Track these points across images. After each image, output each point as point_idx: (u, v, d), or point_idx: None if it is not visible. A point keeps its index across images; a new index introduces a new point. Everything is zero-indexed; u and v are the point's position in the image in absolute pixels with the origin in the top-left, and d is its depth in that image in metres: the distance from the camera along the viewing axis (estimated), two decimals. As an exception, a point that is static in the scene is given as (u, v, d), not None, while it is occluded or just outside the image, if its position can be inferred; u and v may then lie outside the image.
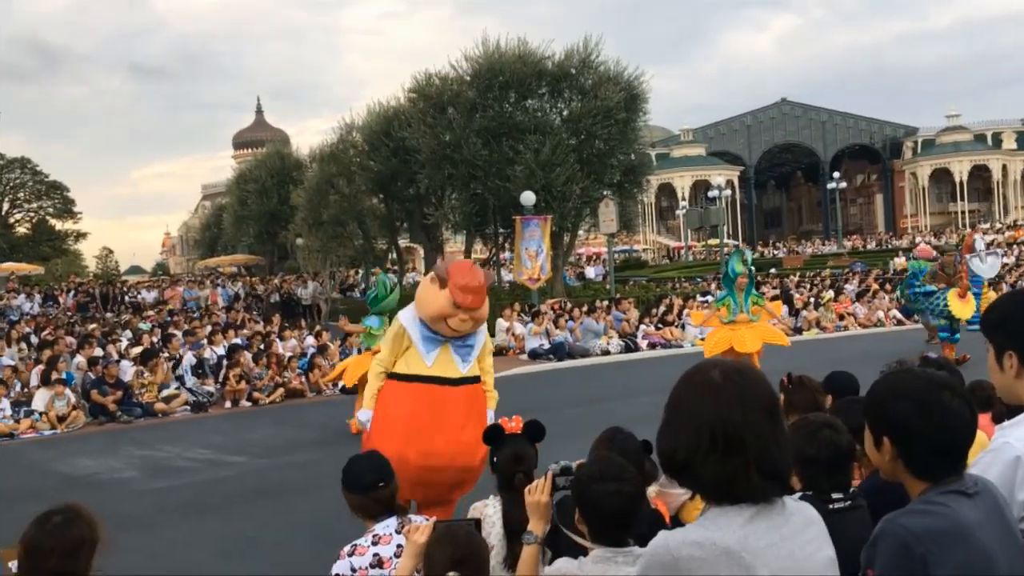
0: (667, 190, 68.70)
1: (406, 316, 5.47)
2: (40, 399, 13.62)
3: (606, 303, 22.16)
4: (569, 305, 22.00)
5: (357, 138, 30.10)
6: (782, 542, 1.92)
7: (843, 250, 51.55)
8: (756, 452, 1.90)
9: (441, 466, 5.26)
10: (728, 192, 51.06)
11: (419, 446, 5.21)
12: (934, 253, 17.94)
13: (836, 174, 55.11)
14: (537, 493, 3.04)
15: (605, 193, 26.01)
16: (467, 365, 5.45)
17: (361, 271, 38.31)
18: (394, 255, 35.54)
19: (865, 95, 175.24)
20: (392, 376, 5.47)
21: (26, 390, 14.31)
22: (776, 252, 56.69)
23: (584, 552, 2.85)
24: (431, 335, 5.34)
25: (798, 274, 33.13)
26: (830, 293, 25.18)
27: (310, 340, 18.29)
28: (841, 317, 22.84)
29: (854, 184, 76.85)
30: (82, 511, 2.90)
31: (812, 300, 24.01)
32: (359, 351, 12.81)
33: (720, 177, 47.04)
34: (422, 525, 2.87)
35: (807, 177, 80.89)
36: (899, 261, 39.40)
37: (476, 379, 5.50)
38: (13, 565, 3.41)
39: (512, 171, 24.17)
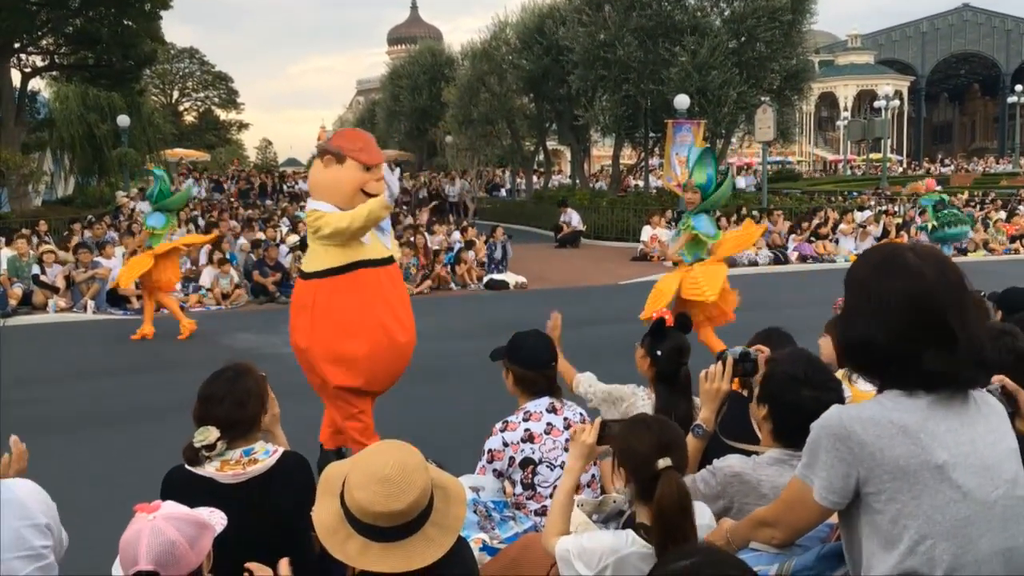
0: (828, 100, 65.26)
1: (327, 209, 5.06)
2: (207, 276, 14.52)
3: (755, 213, 21.59)
4: (718, 213, 21.52)
5: (510, 35, 29.80)
6: (962, 428, 1.85)
7: (1020, 169, 47.98)
8: (967, 344, 1.82)
9: (412, 341, 5.36)
10: (896, 103, 48.29)
11: (402, 326, 5.24)
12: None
13: (1019, 87, 50.90)
14: (716, 380, 2.92)
15: (763, 99, 24.97)
16: (390, 241, 5.44)
17: (508, 171, 38.48)
18: (541, 156, 35.44)
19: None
20: (330, 273, 5.10)
21: (194, 268, 15.25)
22: (944, 169, 53.36)
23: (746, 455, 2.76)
24: None
25: (966, 193, 31.17)
26: (1002, 214, 23.68)
27: (456, 236, 18.64)
28: (1013, 240, 21.49)
29: (1038, 99, 70.94)
30: (251, 368, 3.12)
31: (981, 220, 22.63)
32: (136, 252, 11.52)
33: (888, 87, 44.32)
34: (588, 426, 2.80)
35: (985, 90, 75.05)
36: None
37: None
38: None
39: (667, 73, 23.45)
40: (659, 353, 3.64)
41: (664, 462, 2.27)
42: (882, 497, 1.84)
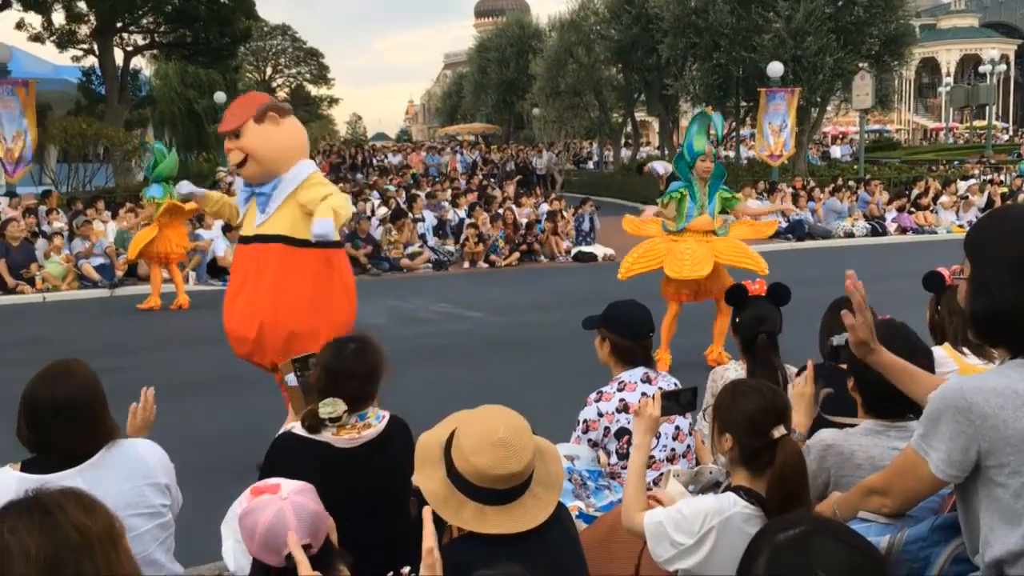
0: (929, 65, 62.75)
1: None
2: (301, 249, 14.84)
3: (852, 183, 20.98)
4: (812, 184, 20.99)
5: (598, 5, 29.50)
6: None
7: None
8: None
9: (246, 335, 5.04)
10: (1002, 68, 46.06)
11: (231, 314, 5.18)
12: None
13: None
14: (803, 384, 2.82)
15: (861, 65, 24.15)
16: (262, 217, 4.92)
17: (596, 143, 38.19)
18: (629, 128, 35.05)
19: None
20: None
21: (289, 240, 15.61)
22: (1052, 137, 50.85)
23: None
24: (244, 187, 5.13)
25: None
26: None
27: (544, 208, 18.61)
28: None
29: None
30: (373, 341, 3.10)
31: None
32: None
33: (994, 51, 42.49)
34: (649, 400, 2.75)
35: (1100, 53, 71.08)
36: None
37: (276, 238, 4.86)
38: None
39: (759, 40, 22.88)
40: (737, 320, 3.67)
41: (779, 431, 2.23)
42: (1005, 470, 1.77)
